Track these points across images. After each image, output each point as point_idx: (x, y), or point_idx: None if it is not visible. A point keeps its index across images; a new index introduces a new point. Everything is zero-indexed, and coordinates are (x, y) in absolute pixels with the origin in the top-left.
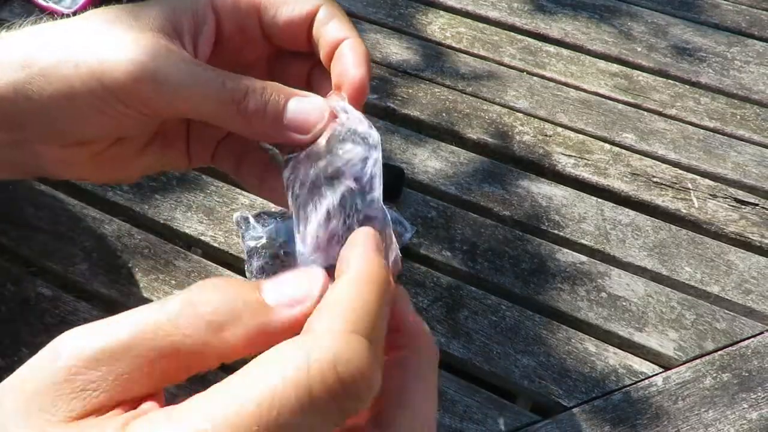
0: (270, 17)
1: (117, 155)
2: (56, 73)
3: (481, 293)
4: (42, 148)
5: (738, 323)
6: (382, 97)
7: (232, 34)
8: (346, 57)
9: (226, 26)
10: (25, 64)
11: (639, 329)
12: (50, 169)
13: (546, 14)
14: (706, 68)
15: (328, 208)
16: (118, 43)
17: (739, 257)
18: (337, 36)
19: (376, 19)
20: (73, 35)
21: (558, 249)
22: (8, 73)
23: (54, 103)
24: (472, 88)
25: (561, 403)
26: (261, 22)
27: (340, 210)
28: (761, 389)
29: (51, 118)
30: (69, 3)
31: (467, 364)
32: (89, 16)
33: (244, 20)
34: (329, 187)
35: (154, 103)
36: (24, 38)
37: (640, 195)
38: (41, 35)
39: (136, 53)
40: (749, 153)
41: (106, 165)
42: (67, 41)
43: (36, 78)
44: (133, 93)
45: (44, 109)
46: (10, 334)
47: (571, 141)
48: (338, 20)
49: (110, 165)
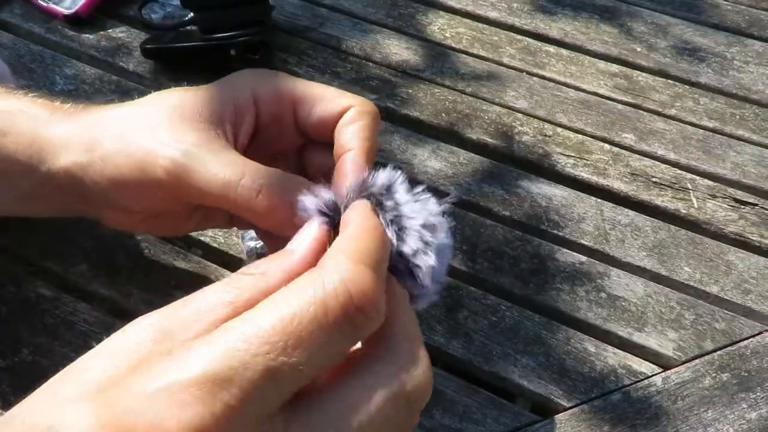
0: (305, 113)
1: (166, 221)
2: (112, 161)
3: (481, 293)
4: (101, 210)
5: (737, 323)
6: (382, 97)
7: (268, 125)
8: (340, 170)
9: (264, 118)
10: (89, 147)
11: (638, 329)
12: (107, 222)
13: (546, 14)
14: (706, 68)
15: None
16: (164, 139)
17: (738, 257)
18: (347, 144)
19: (376, 19)
20: (130, 126)
21: (557, 249)
22: (77, 154)
23: (109, 184)
24: (471, 88)
25: (561, 403)
26: (296, 116)
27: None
28: (760, 389)
29: (106, 195)
30: (69, 3)
31: (467, 364)
32: (148, 104)
33: (281, 113)
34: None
35: (186, 195)
36: (93, 121)
37: (640, 195)
38: (106, 121)
39: (176, 152)
40: (748, 153)
41: (157, 226)
42: (124, 131)
43: (97, 162)
44: (170, 186)
45: (101, 188)
46: (11, 334)
47: (571, 141)
48: (358, 126)
49: (161, 226)
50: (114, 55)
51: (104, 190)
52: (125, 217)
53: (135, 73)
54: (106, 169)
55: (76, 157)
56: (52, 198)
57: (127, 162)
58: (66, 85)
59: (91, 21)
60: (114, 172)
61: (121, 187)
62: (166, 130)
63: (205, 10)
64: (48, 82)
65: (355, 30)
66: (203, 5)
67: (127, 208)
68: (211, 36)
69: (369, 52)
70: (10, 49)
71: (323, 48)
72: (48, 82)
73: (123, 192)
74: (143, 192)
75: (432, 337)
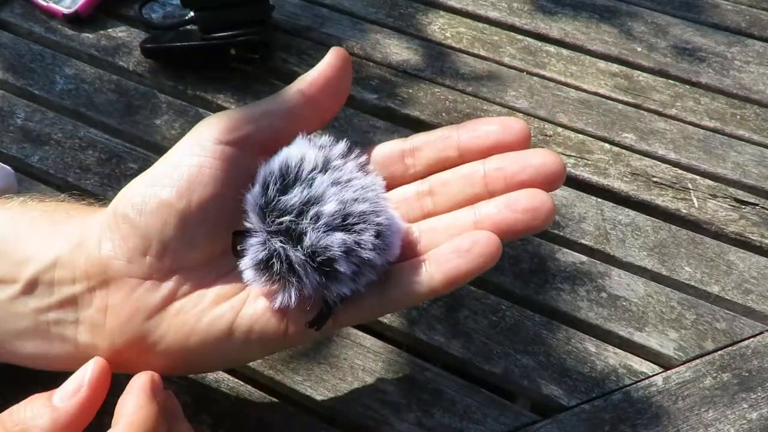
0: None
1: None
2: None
3: (481, 293)
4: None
5: (738, 323)
6: (382, 97)
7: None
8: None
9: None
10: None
11: (639, 329)
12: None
13: (546, 14)
14: (706, 68)
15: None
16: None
17: (739, 257)
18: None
19: (376, 19)
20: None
21: (558, 249)
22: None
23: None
24: (472, 88)
25: (561, 403)
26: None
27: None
28: (761, 389)
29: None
30: (69, 2)
31: (467, 363)
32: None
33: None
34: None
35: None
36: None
37: (640, 195)
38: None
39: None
40: (749, 153)
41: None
42: None
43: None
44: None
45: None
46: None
47: (571, 141)
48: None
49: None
50: (114, 54)
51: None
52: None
53: (135, 72)
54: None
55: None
56: None
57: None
58: (66, 85)
59: (91, 20)
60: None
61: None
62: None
63: (205, 9)
64: (48, 82)
65: (355, 30)
66: (203, 5)
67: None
68: (211, 36)
69: (369, 51)
70: (10, 48)
71: (323, 48)
72: (48, 81)
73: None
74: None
75: (432, 336)
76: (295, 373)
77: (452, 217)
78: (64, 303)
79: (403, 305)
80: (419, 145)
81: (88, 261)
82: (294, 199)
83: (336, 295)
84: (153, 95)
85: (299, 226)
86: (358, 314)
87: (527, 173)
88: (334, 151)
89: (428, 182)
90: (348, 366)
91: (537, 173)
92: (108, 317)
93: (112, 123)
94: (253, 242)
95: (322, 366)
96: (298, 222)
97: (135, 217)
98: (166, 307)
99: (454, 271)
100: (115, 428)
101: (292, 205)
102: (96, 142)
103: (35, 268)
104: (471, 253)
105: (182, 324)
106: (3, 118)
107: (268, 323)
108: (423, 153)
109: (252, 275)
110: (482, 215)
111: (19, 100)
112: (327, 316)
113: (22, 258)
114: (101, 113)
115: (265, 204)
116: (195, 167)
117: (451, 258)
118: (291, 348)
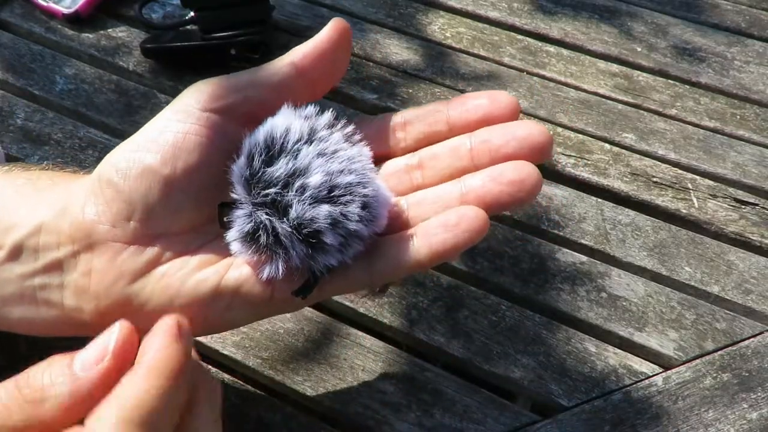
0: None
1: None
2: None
3: (481, 293)
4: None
5: (738, 323)
6: (382, 97)
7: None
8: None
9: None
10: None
11: (639, 329)
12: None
13: (546, 14)
14: (706, 68)
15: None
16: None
17: (739, 257)
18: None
19: (376, 19)
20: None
21: (558, 249)
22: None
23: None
24: (472, 88)
25: (561, 403)
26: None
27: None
28: (761, 389)
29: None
30: (69, 2)
31: (467, 363)
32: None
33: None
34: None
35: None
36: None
37: (640, 195)
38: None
39: None
40: (749, 153)
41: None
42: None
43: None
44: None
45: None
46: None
47: (571, 141)
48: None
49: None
50: (114, 54)
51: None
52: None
53: (135, 72)
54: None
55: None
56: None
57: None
58: (66, 85)
59: (90, 20)
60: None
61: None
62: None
63: (206, 9)
64: (48, 82)
65: (355, 30)
66: (203, 5)
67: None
68: (211, 36)
69: (369, 51)
70: (10, 48)
71: None
72: (48, 81)
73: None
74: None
75: (432, 336)
76: (295, 373)
77: (439, 190)
78: (49, 267)
79: (390, 277)
80: (410, 119)
81: (72, 225)
82: (279, 170)
83: (323, 266)
84: (153, 95)
85: (285, 198)
86: (344, 284)
87: (512, 145)
88: (320, 122)
89: (418, 156)
90: (348, 366)
91: (522, 145)
92: (92, 281)
93: (112, 123)
94: (239, 214)
95: (322, 366)
96: (283, 194)
97: (119, 182)
98: (151, 271)
99: (441, 246)
100: (134, 372)
101: (278, 177)
102: (96, 142)
103: (20, 234)
104: (458, 227)
105: (166, 287)
106: (3, 118)
107: (254, 287)
108: (414, 127)
109: (238, 247)
110: (468, 188)
111: (19, 100)
112: (313, 285)
113: (7, 225)
114: (101, 113)
115: (250, 176)
116: (180, 133)
117: (438, 232)
118: (279, 314)
